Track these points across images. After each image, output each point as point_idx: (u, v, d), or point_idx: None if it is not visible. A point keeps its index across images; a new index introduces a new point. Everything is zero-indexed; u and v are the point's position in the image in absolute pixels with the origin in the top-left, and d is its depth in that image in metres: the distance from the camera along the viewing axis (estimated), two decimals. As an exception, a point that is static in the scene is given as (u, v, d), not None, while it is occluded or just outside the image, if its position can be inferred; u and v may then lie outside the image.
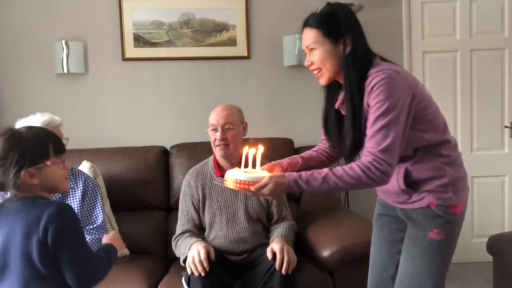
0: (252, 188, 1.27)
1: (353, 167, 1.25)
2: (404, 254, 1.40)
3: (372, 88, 1.26)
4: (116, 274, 1.98)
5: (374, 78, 1.26)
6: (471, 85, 3.06)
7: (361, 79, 1.30)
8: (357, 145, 1.35)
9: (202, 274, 1.74)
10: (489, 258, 2.27)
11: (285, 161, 1.50)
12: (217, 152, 2.03)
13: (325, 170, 1.28)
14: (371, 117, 1.25)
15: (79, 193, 2.00)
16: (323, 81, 1.40)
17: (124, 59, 2.86)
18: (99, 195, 2.08)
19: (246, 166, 1.35)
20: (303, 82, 2.95)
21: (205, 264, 1.75)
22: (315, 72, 1.40)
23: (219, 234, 2.02)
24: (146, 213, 2.48)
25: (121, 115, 2.89)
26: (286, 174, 1.30)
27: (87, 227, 2.01)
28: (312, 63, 1.39)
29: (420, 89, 1.32)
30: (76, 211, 1.98)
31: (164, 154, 2.60)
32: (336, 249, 1.89)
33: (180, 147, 2.60)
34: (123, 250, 2.22)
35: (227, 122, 1.98)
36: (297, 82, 2.95)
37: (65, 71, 2.74)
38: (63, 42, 2.72)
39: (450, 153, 1.37)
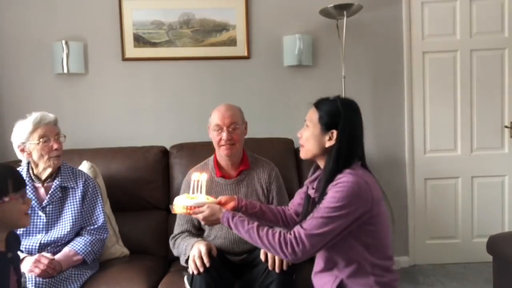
0: (190, 211, 1.48)
1: (275, 234, 1.35)
2: None
3: (337, 183, 1.36)
4: (116, 274, 1.99)
5: (345, 176, 1.37)
6: (471, 85, 3.06)
7: (334, 173, 1.41)
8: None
9: (201, 270, 1.72)
10: (489, 258, 2.28)
11: (246, 200, 1.66)
12: (222, 151, 1.99)
13: (255, 223, 1.40)
14: (323, 203, 1.35)
15: (79, 193, 2.00)
16: (301, 155, 1.54)
17: (124, 59, 2.86)
18: (100, 196, 2.08)
19: (193, 192, 1.55)
20: (303, 82, 2.95)
21: (206, 260, 1.72)
22: (301, 145, 1.53)
23: (219, 234, 2.02)
24: (146, 213, 2.47)
25: (121, 115, 2.89)
26: (225, 209, 1.48)
27: (87, 228, 2.01)
28: (301, 136, 1.52)
29: (380, 208, 1.40)
30: (76, 211, 1.98)
31: (164, 154, 2.59)
32: (336, 249, 1.89)
33: (180, 147, 2.60)
34: (123, 250, 2.23)
35: (232, 122, 1.96)
36: (297, 82, 2.95)
37: (65, 71, 2.74)
38: (63, 42, 2.73)
39: (383, 274, 1.41)
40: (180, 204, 1.50)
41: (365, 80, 3.04)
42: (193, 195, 1.54)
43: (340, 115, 1.43)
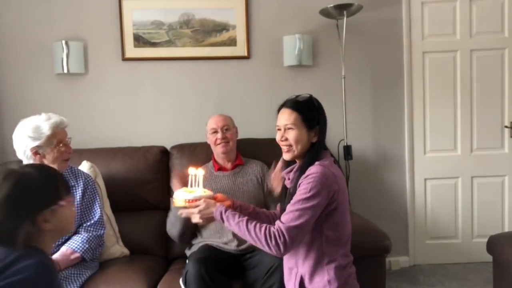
0: (187, 205, 1.53)
1: (262, 227, 1.40)
2: None
3: (308, 175, 1.45)
4: (116, 273, 1.99)
5: (314, 167, 1.46)
6: (471, 85, 3.06)
7: (308, 165, 1.50)
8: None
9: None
10: (489, 258, 2.28)
11: (241, 202, 1.71)
12: (219, 149, 2.29)
13: (246, 217, 1.45)
14: (296, 196, 1.43)
15: (80, 192, 2.01)
16: (288, 156, 1.56)
17: (124, 59, 2.86)
18: (97, 193, 2.09)
19: (191, 186, 1.61)
20: (303, 82, 2.95)
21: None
22: (285, 147, 1.56)
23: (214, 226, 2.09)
24: (146, 213, 2.48)
25: (121, 115, 2.89)
26: (219, 203, 1.52)
27: (84, 225, 2.01)
28: (286, 139, 1.54)
29: (344, 201, 1.49)
30: (77, 210, 1.99)
31: (164, 154, 2.59)
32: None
33: (180, 147, 2.60)
34: (123, 250, 2.23)
35: (225, 124, 2.32)
36: (297, 82, 2.95)
37: (65, 71, 2.74)
38: (63, 42, 2.72)
39: (339, 272, 1.46)
40: (179, 198, 1.56)
41: (365, 80, 3.04)
42: (191, 189, 1.59)
43: (319, 112, 1.55)
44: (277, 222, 1.41)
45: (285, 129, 1.54)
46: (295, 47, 2.85)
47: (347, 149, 2.85)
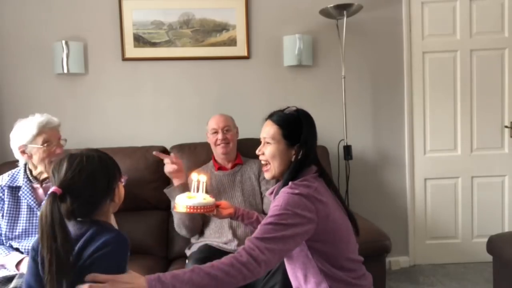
0: (188, 211, 1.52)
1: (222, 260, 1.18)
2: None
3: (277, 197, 1.32)
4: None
5: (283, 191, 1.32)
6: (471, 85, 3.06)
7: (286, 185, 1.36)
8: None
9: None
10: (489, 258, 2.28)
11: (244, 210, 1.65)
12: (219, 150, 2.29)
13: (189, 268, 1.18)
14: (269, 213, 1.29)
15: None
16: (268, 176, 1.47)
17: (124, 59, 2.86)
18: None
19: (193, 191, 1.61)
20: (303, 82, 2.95)
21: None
22: (263, 164, 1.47)
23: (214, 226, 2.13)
24: (146, 213, 2.48)
25: (121, 115, 2.89)
26: (143, 277, 1.16)
27: None
28: (263, 154, 1.46)
29: (329, 224, 1.32)
30: None
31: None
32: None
33: (180, 147, 2.60)
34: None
35: (226, 125, 2.32)
36: (297, 82, 2.95)
37: (65, 71, 2.74)
38: (63, 42, 2.72)
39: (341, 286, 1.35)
40: (181, 204, 1.56)
41: (365, 80, 3.04)
42: (192, 195, 1.59)
43: (303, 128, 1.41)
44: (246, 240, 1.23)
45: (264, 142, 1.45)
46: (295, 47, 2.85)
47: (347, 149, 2.85)
